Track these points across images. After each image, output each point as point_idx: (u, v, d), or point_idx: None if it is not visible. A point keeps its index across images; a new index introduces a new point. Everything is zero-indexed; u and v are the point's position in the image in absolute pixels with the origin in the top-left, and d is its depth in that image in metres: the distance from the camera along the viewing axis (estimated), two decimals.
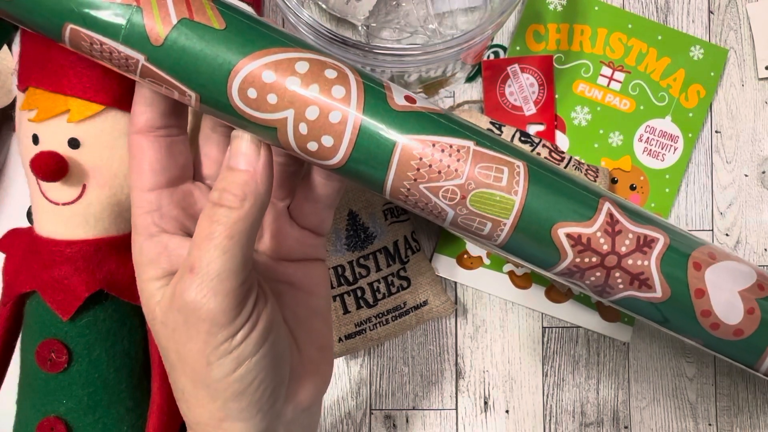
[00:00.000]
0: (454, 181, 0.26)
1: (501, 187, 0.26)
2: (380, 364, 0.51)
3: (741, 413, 0.51)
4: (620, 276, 0.27)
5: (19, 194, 0.48)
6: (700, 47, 0.51)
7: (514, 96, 0.51)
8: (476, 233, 0.27)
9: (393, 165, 0.26)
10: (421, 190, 0.26)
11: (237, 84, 0.25)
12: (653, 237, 0.27)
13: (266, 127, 0.26)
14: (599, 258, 0.27)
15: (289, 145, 0.26)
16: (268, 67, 0.25)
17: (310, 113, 0.25)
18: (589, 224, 0.27)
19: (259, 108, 0.26)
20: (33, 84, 0.34)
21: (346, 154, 0.26)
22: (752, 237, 0.52)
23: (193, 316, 0.25)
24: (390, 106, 0.26)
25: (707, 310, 0.28)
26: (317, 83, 0.26)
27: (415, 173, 0.26)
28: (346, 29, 0.50)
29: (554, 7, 0.51)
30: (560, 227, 0.27)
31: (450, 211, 0.27)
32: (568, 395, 0.51)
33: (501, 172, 0.26)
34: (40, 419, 0.35)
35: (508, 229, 0.27)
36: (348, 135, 0.26)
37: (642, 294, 0.28)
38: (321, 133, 0.26)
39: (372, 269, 0.48)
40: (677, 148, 0.51)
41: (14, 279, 0.36)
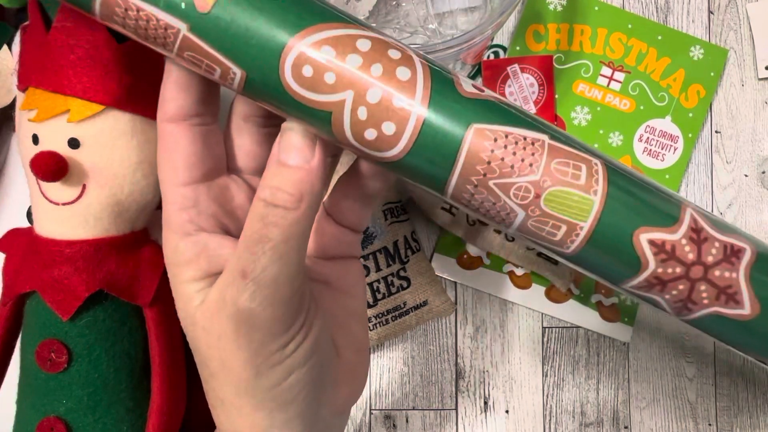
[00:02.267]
0: (528, 178, 0.23)
1: (579, 186, 0.23)
2: (380, 364, 0.51)
3: (741, 413, 0.51)
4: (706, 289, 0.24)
5: (19, 194, 0.48)
6: (700, 47, 0.51)
7: (514, 96, 0.51)
8: (546, 239, 0.24)
9: (461, 157, 0.23)
10: (491, 188, 0.23)
11: (291, 60, 0.22)
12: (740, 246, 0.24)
13: (320, 112, 0.23)
14: (684, 269, 0.24)
15: (342, 133, 0.23)
16: (328, 42, 0.22)
17: (371, 96, 0.23)
18: (673, 230, 0.24)
19: (314, 88, 0.23)
20: (33, 84, 0.34)
21: (409, 144, 0.23)
22: None
23: (246, 324, 0.23)
24: (459, 92, 0.23)
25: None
26: (380, 63, 0.23)
27: (485, 167, 0.23)
28: None
29: (554, 7, 0.51)
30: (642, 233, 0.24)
31: (520, 213, 0.24)
32: (568, 395, 0.51)
33: (579, 169, 0.23)
34: (39, 419, 0.35)
35: (584, 235, 0.24)
36: (413, 122, 0.23)
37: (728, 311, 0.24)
38: (382, 119, 0.23)
39: (372, 269, 0.48)
40: (677, 148, 0.51)
41: (14, 279, 0.36)
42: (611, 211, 0.23)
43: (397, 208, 0.49)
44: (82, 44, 0.33)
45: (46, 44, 0.34)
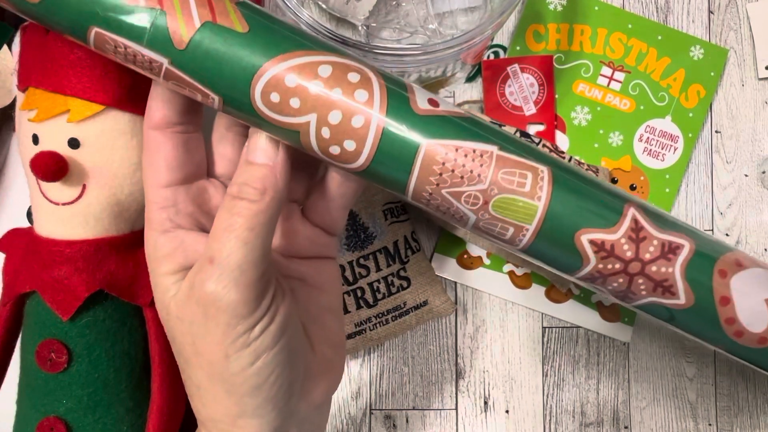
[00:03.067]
0: (477, 187, 0.26)
1: (524, 193, 0.26)
2: (380, 364, 0.51)
3: (741, 413, 0.51)
4: (643, 283, 0.27)
5: (19, 194, 0.48)
6: (700, 47, 0.51)
7: (514, 96, 0.51)
8: (498, 237, 0.27)
9: (415, 170, 0.26)
10: (444, 195, 0.26)
11: (260, 88, 0.25)
12: (678, 243, 0.27)
13: (289, 131, 0.26)
14: (622, 264, 0.26)
15: (311, 148, 0.26)
16: (292, 70, 0.25)
17: (332, 117, 0.25)
18: (613, 230, 0.26)
19: (281, 112, 0.26)
20: (33, 84, 0.34)
21: (368, 159, 0.26)
22: (752, 237, 0.52)
23: (212, 307, 0.25)
24: (413, 110, 0.26)
25: (731, 318, 0.27)
26: (340, 87, 0.25)
27: (437, 178, 0.26)
28: (346, 29, 0.50)
29: (554, 7, 0.51)
30: (583, 233, 0.26)
31: (472, 216, 0.26)
32: (568, 395, 0.51)
33: (524, 177, 0.26)
34: (39, 419, 0.35)
35: (531, 235, 0.26)
36: (370, 140, 0.25)
37: (665, 300, 0.27)
38: (343, 138, 0.26)
39: (372, 269, 0.48)
40: (677, 148, 0.51)
41: (14, 279, 0.36)
42: (554, 216, 0.26)
43: (397, 208, 0.49)
44: (82, 44, 0.33)
45: (46, 44, 0.34)
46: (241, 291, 0.25)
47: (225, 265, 0.25)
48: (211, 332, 0.25)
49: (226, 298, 0.25)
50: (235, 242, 0.25)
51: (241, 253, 0.25)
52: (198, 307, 0.25)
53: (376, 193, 0.48)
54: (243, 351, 0.25)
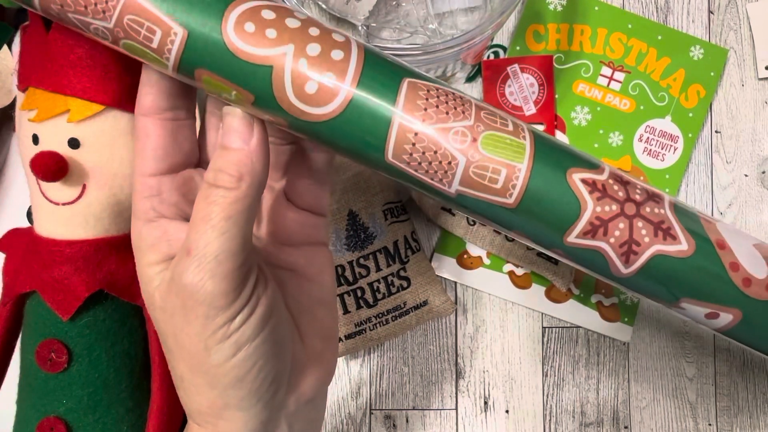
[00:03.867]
0: (463, 123, 0.25)
1: (509, 131, 0.25)
2: (380, 364, 0.51)
3: (741, 413, 0.51)
4: (644, 226, 0.26)
5: (19, 194, 0.48)
6: (700, 47, 0.51)
7: (514, 96, 0.51)
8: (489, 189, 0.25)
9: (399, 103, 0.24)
10: (429, 136, 0.24)
11: (234, 17, 0.24)
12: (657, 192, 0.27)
13: (261, 68, 0.24)
14: (619, 206, 0.25)
15: (282, 89, 0.24)
16: (269, 7, 0.24)
17: (311, 49, 0.24)
18: (599, 172, 0.26)
19: (255, 43, 0.24)
20: (33, 84, 0.34)
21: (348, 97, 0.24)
22: None
23: (190, 299, 0.24)
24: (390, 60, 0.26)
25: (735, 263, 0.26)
26: (318, 27, 0.25)
27: (422, 114, 0.24)
28: (346, 29, 0.50)
29: (554, 7, 0.51)
30: (575, 172, 0.25)
31: (461, 159, 0.25)
32: (568, 395, 0.51)
33: (506, 119, 0.26)
34: (39, 419, 0.35)
35: (524, 178, 0.25)
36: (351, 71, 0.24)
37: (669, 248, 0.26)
38: (322, 70, 0.24)
39: (372, 269, 0.48)
40: (677, 148, 0.51)
41: (14, 279, 0.36)
42: (543, 154, 0.25)
43: (397, 207, 0.49)
44: (82, 44, 0.33)
45: (46, 44, 0.34)
46: (219, 282, 0.24)
47: (202, 256, 0.24)
48: (190, 324, 0.25)
49: (204, 289, 0.24)
50: (212, 232, 0.24)
51: (217, 243, 0.24)
52: (177, 298, 0.25)
53: (376, 193, 0.48)
54: (223, 343, 0.25)
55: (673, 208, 0.26)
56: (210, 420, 0.26)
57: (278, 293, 0.28)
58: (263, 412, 0.26)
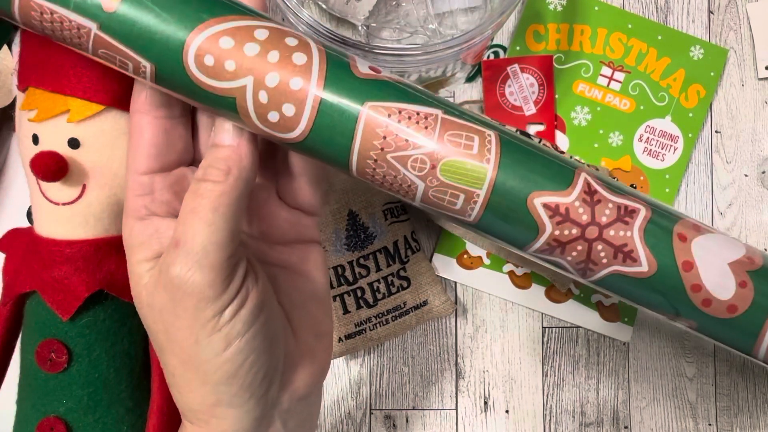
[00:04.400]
0: (423, 150, 0.25)
1: (472, 155, 0.25)
2: (380, 364, 0.51)
3: (741, 413, 0.51)
4: (603, 249, 0.25)
5: (19, 194, 0.48)
6: (700, 47, 0.51)
7: (514, 96, 0.51)
8: (449, 208, 0.26)
9: (358, 132, 0.25)
10: (389, 161, 0.25)
11: (193, 51, 0.24)
12: (634, 207, 0.26)
13: (224, 98, 0.25)
14: (579, 230, 0.25)
15: (249, 117, 0.25)
16: (226, 33, 0.24)
17: (270, 80, 0.24)
18: (566, 194, 0.25)
19: (217, 76, 0.24)
20: (33, 84, 0.34)
21: (309, 123, 0.25)
22: (752, 237, 0.52)
23: (179, 291, 0.24)
24: (353, 73, 0.25)
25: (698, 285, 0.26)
26: (277, 50, 0.25)
27: (381, 142, 0.25)
28: (346, 29, 0.50)
29: (554, 7, 0.51)
30: (536, 197, 0.25)
31: (420, 184, 0.25)
32: (568, 395, 0.51)
33: (471, 140, 0.25)
34: (39, 419, 0.35)
35: (482, 202, 0.25)
36: (310, 101, 0.24)
37: (627, 269, 0.26)
38: (282, 101, 0.25)
39: (372, 269, 0.48)
40: (677, 148, 0.51)
41: (14, 279, 0.36)
42: (504, 179, 0.25)
43: (397, 208, 0.49)
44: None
45: (46, 44, 0.34)
46: (206, 273, 0.24)
47: (189, 248, 0.24)
48: (180, 317, 0.25)
49: (191, 280, 0.24)
50: (199, 224, 0.24)
51: (204, 235, 0.24)
52: (166, 292, 0.25)
53: (376, 193, 0.48)
54: (213, 336, 0.25)
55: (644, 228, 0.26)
56: (202, 417, 0.26)
57: (269, 288, 0.28)
58: (256, 409, 0.26)
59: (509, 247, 0.27)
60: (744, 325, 0.27)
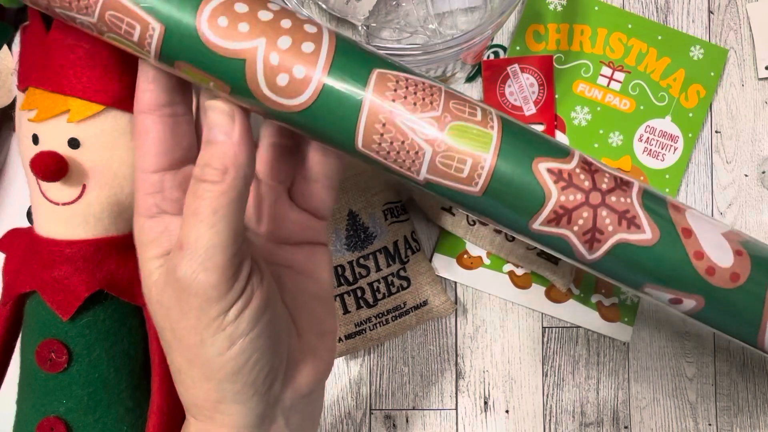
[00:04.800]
0: (431, 114, 0.25)
1: (477, 121, 0.26)
2: (380, 364, 0.51)
3: (741, 413, 0.51)
4: (608, 215, 0.26)
5: (19, 194, 0.48)
6: (700, 47, 0.51)
7: (514, 96, 0.51)
8: (454, 177, 0.26)
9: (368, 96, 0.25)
10: (398, 126, 0.25)
11: (208, 11, 0.25)
12: (627, 179, 0.27)
13: (234, 61, 0.25)
14: (583, 195, 0.26)
15: (256, 81, 0.25)
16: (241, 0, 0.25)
17: (282, 42, 0.25)
18: (567, 161, 0.26)
19: (229, 37, 0.25)
20: (33, 84, 0.34)
21: (318, 87, 0.25)
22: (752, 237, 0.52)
23: (184, 292, 0.25)
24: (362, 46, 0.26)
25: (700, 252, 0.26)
26: (290, 19, 0.25)
27: (391, 104, 0.25)
28: (347, 29, 0.50)
29: (554, 7, 0.51)
30: (541, 162, 0.26)
31: (428, 149, 0.25)
32: (568, 395, 0.51)
33: (475, 109, 0.26)
34: (39, 419, 0.35)
35: (489, 168, 0.26)
36: (321, 65, 0.25)
37: (633, 236, 0.26)
38: (293, 63, 0.25)
39: (372, 269, 0.48)
40: (677, 148, 0.51)
41: (14, 279, 0.36)
42: (509, 144, 0.26)
43: (397, 208, 0.49)
44: (82, 44, 0.33)
45: (46, 44, 0.34)
46: (210, 274, 0.25)
47: (193, 250, 0.25)
48: (186, 317, 0.25)
49: (196, 282, 0.25)
50: (201, 226, 0.25)
51: (206, 237, 0.25)
52: (173, 292, 0.25)
53: (376, 193, 0.48)
54: (218, 335, 0.25)
55: (641, 197, 0.26)
56: (206, 413, 0.27)
57: (274, 287, 0.28)
58: (259, 406, 0.27)
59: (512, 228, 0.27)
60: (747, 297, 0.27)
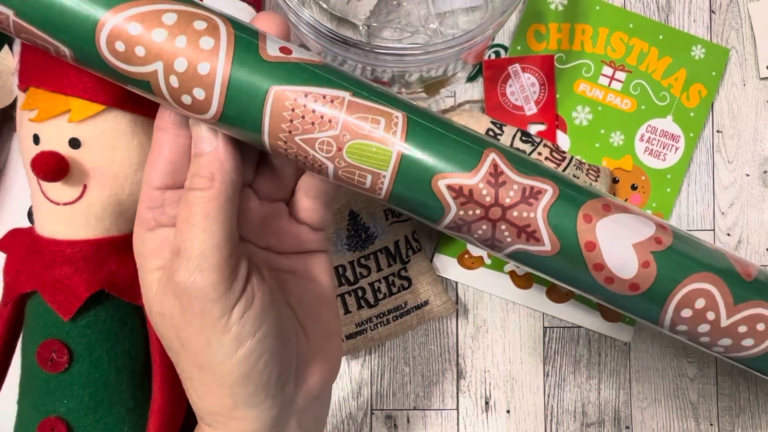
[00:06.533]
0: (329, 133, 0.26)
1: (377, 138, 0.26)
2: (381, 364, 0.51)
3: (742, 413, 0.51)
4: (506, 229, 0.27)
5: (20, 194, 0.48)
6: (701, 47, 0.51)
7: (515, 96, 0.50)
8: (359, 186, 0.27)
9: (266, 117, 0.26)
10: (298, 143, 0.26)
11: (104, 37, 0.25)
12: (540, 188, 0.27)
13: (140, 81, 0.26)
14: (483, 210, 0.26)
15: (165, 99, 0.26)
16: (134, 19, 0.25)
17: (178, 65, 0.25)
18: (470, 175, 0.26)
19: (128, 61, 0.25)
20: (34, 84, 0.34)
21: (219, 107, 0.26)
22: (754, 237, 0.52)
23: (185, 296, 0.25)
24: (261, 56, 0.26)
25: (600, 264, 0.27)
26: (185, 35, 0.25)
27: (288, 125, 0.26)
28: (347, 29, 0.50)
29: (555, 6, 0.51)
30: (441, 179, 0.26)
31: (329, 164, 0.26)
32: (569, 395, 0.51)
33: (377, 122, 0.26)
34: (40, 419, 0.35)
35: (389, 182, 0.26)
36: (218, 87, 0.25)
37: (531, 247, 0.27)
38: (192, 86, 0.25)
39: (373, 269, 0.48)
40: (679, 148, 0.51)
41: (15, 279, 0.36)
42: (409, 161, 0.26)
43: None
44: None
45: None
46: (208, 275, 0.25)
47: (189, 254, 0.25)
48: (190, 322, 0.26)
49: (195, 284, 0.25)
50: (194, 231, 0.26)
51: (200, 240, 0.25)
52: (174, 299, 0.26)
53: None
54: (224, 337, 0.26)
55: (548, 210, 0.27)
56: (221, 420, 0.27)
57: (276, 290, 0.29)
58: (273, 408, 0.27)
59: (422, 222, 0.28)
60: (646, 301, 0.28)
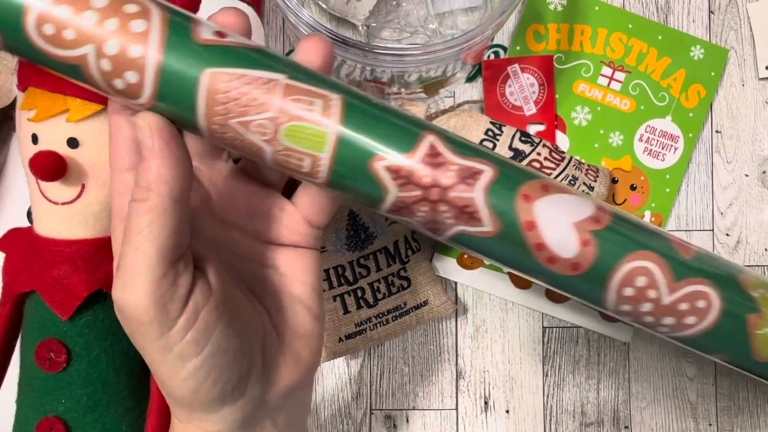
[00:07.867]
0: (264, 115, 0.25)
1: (313, 120, 0.25)
2: (380, 364, 0.51)
3: (741, 413, 0.51)
4: (447, 210, 0.26)
5: (19, 194, 0.48)
6: (700, 47, 0.51)
7: (514, 96, 0.51)
8: (298, 171, 0.26)
9: (200, 100, 0.25)
10: (232, 127, 0.25)
11: (32, 20, 0.25)
12: (479, 169, 0.27)
13: (70, 66, 0.25)
14: (422, 191, 0.26)
15: (97, 84, 0.26)
16: (63, 1, 0.25)
17: (109, 48, 0.25)
18: (408, 156, 0.26)
19: (58, 45, 0.25)
20: (33, 84, 0.35)
21: (154, 91, 0.25)
22: (753, 237, 0.52)
23: (121, 315, 0.25)
24: (193, 39, 0.25)
25: (540, 243, 0.27)
26: (116, 18, 0.25)
27: (223, 108, 0.25)
28: (347, 29, 0.50)
29: (554, 6, 0.51)
30: (378, 160, 0.26)
31: (266, 147, 0.26)
32: (568, 395, 0.51)
33: (313, 104, 0.26)
34: (39, 419, 0.35)
35: (327, 164, 0.26)
36: (151, 70, 0.25)
37: (472, 229, 0.27)
38: (124, 69, 0.25)
39: (372, 269, 0.48)
40: (677, 148, 0.51)
41: (14, 279, 0.36)
42: (346, 143, 0.26)
43: None
44: None
45: None
46: (138, 297, 0.24)
47: (122, 273, 0.24)
48: (134, 338, 0.25)
49: (126, 306, 0.24)
50: (127, 247, 0.24)
51: (131, 259, 0.24)
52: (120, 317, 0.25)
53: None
54: (166, 356, 0.24)
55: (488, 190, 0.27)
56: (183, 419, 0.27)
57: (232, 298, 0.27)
58: (235, 413, 0.26)
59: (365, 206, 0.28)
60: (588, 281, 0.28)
